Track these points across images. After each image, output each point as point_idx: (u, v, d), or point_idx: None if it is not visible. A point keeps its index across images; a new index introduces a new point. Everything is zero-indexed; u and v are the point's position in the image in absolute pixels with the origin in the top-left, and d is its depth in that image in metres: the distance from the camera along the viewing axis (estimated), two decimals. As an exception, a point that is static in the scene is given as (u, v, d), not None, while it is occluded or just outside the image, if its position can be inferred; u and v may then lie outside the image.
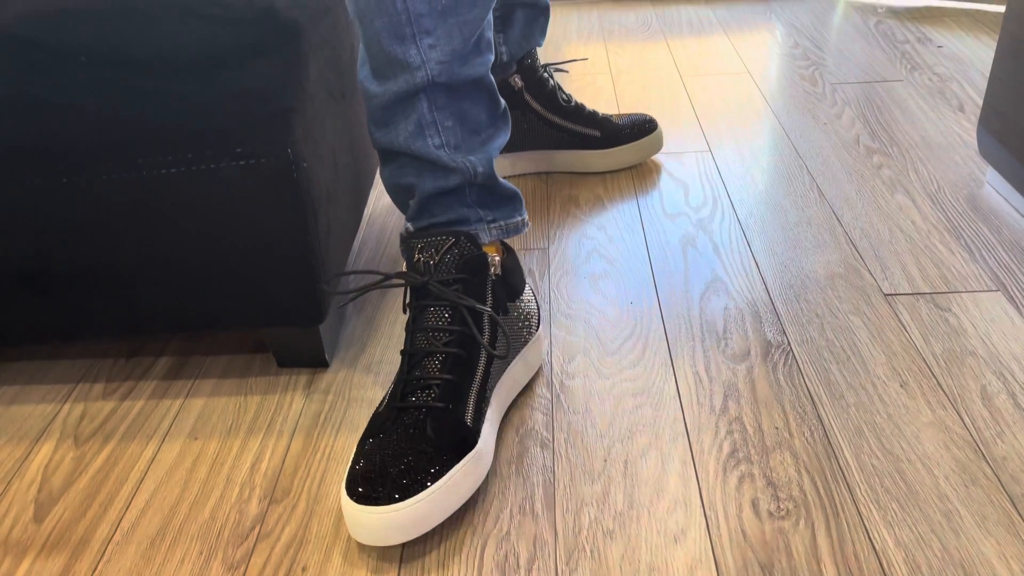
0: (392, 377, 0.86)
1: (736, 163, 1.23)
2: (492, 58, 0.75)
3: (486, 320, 0.75)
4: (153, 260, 0.75)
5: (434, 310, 0.74)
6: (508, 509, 0.70)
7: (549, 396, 0.82)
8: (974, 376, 0.81)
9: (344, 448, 0.77)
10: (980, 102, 1.36)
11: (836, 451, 0.74)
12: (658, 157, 1.26)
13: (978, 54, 1.55)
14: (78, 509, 0.73)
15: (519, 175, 1.24)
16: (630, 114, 1.25)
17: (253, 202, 0.72)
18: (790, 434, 0.76)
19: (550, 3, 1.18)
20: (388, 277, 0.75)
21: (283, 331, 0.84)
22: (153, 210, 0.72)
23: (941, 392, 0.80)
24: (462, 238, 0.75)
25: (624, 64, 1.61)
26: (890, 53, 1.58)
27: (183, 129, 0.68)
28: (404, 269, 0.82)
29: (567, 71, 1.25)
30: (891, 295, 0.94)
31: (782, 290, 0.96)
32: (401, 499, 0.64)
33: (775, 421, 0.78)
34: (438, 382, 0.70)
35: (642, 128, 1.22)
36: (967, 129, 1.28)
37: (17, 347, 0.92)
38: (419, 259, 0.74)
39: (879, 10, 1.80)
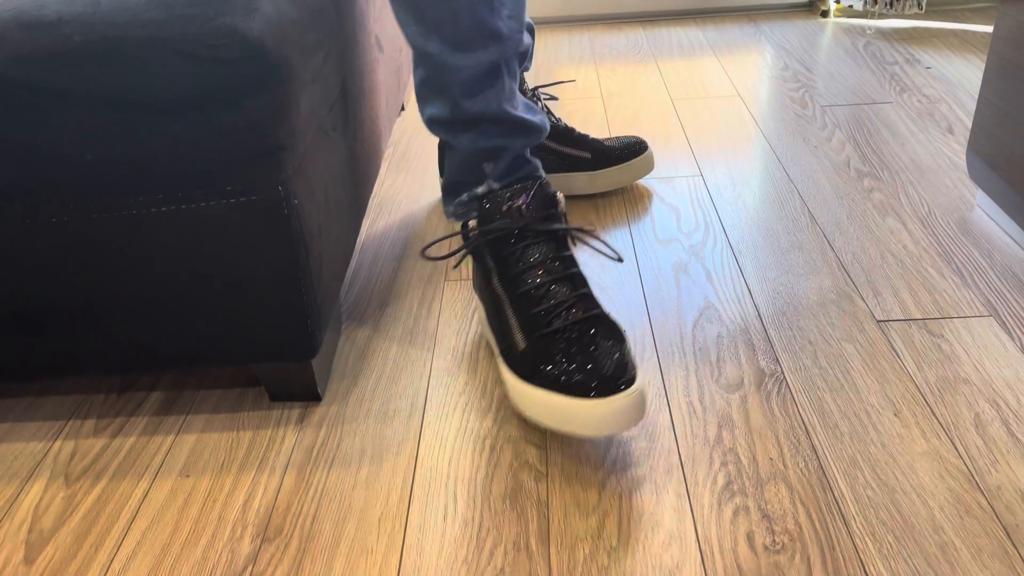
0: (382, 409, 0.85)
1: (727, 188, 1.23)
2: None
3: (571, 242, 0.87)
4: (144, 298, 0.75)
5: (535, 246, 0.83)
6: (503, 545, 0.70)
7: (543, 429, 0.82)
8: (968, 404, 0.81)
9: (337, 483, 0.77)
10: (969, 124, 1.37)
11: (831, 482, 0.74)
12: (650, 182, 1.27)
13: (967, 75, 1.56)
14: (69, 550, 0.72)
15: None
16: (620, 136, 1.25)
17: (244, 239, 0.72)
18: (784, 465, 0.76)
19: (535, 27, 1.18)
20: (485, 233, 0.84)
21: (275, 366, 0.83)
22: (144, 248, 0.72)
23: (935, 420, 0.80)
24: (540, 183, 0.86)
25: (615, 87, 1.62)
26: (879, 74, 1.59)
27: (173, 168, 0.68)
28: (469, 233, 0.90)
29: (557, 98, 1.26)
30: (884, 321, 0.94)
31: (775, 316, 0.96)
32: (633, 383, 0.75)
33: (769, 452, 0.77)
34: (578, 296, 0.80)
35: (632, 149, 1.23)
36: (957, 152, 1.29)
37: (7, 384, 0.91)
38: (510, 207, 0.83)
39: (867, 31, 1.81)
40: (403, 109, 1.57)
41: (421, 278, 1.07)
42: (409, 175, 1.34)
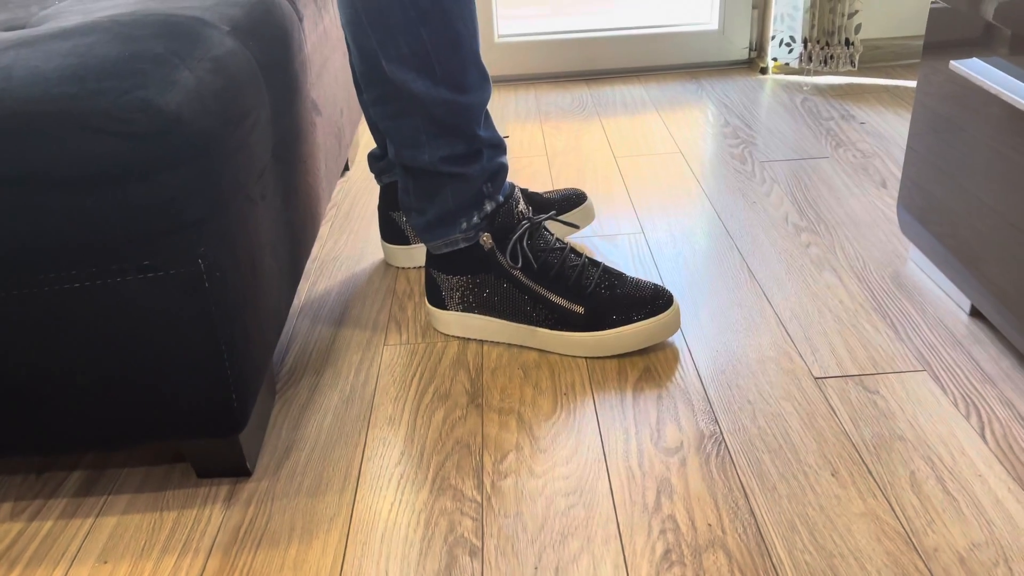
0: (315, 482, 0.83)
1: (668, 245, 1.24)
2: None
3: None
4: (60, 377, 0.72)
5: (543, 236, 1.01)
6: (434, 627, 0.67)
7: (480, 499, 0.80)
8: (903, 462, 0.81)
9: (264, 564, 0.74)
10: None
11: (769, 548, 0.73)
12: (591, 240, 1.27)
13: (899, 130, 1.60)
14: (-27, 648, 0.68)
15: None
16: (560, 188, 1.26)
17: (163, 315, 0.70)
18: (723, 531, 0.75)
19: None
20: (535, 220, 1.01)
21: (201, 442, 0.81)
22: (57, 326, 0.69)
23: (871, 480, 0.80)
24: (516, 187, 1.04)
25: (560, 145, 1.64)
26: (816, 130, 1.63)
27: (87, 244, 0.66)
28: (488, 237, 1.01)
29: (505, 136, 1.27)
30: (821, 378, 0.94)
31: (714, 376, 0.95)
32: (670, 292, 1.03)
33: (708, 517, 0.76)
34: (586, 258, 1.01)
35: (571, 201, 1.25)
36: (889, 205, 1.32)
37: (-81, 465, 0.87)
38: (520, 213, 1.00)
39: (804, 87, 1.86)
40: (347, 169, 1.57)
41: (359, 343, 1.06)
42: (352, 235, 1.33)
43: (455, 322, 1.04)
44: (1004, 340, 0.98)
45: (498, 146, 1.00)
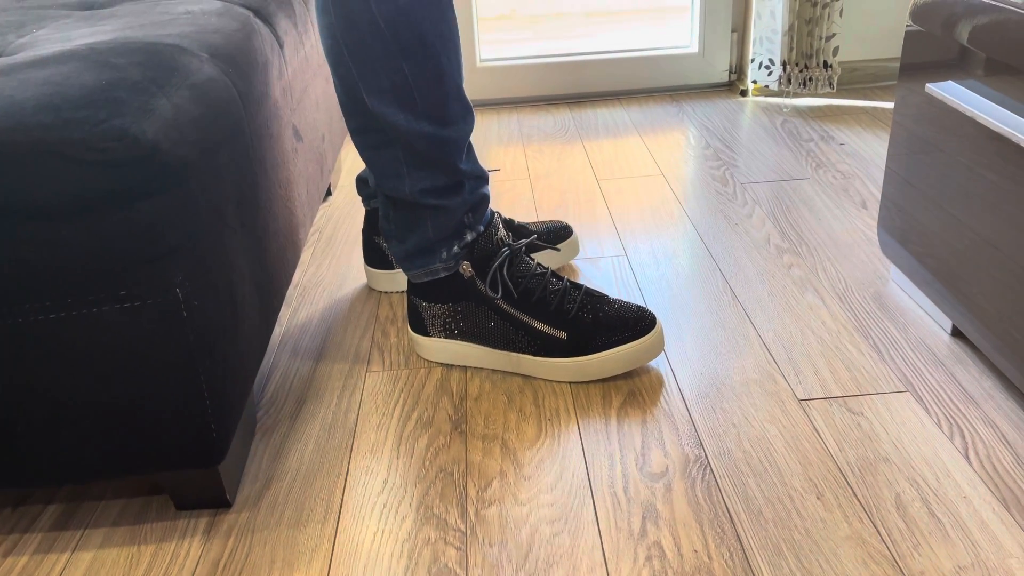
0: (296, 513, 0.82)
1: (651, 267, 1.24)
2: None
3: None
4: (36, 408, 0.71)
5: (523, 262, 1.00)
6: (417, 661, 0.66)
7: (464, 527, 0.79)
8: (888, 484, 0.81)
9: (244, 600, 0.72)
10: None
11: (756, 573, 0.72)
12: (576, 262, 1.27)
13: (878, 151, 1.62)
14: None
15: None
16: (546, 221, 1.26)
17: (140, 345, 0.69)
18: (709, 557, 0.74)
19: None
20: (515, 247, 1.00)
21: (180, 472, 0.79)
22: (32, 357, 0.68)
23: (857, 503, 0.79)
24: (496, 214, 1.03)
25: (542, 169, 1.64)
26: (796, 152, 1.64)
27: (63, 274, 0.65)
28: (470, 266, 1.01)
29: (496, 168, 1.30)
30: (805, 400, 0.94)
31: (698, 399, 0.95)
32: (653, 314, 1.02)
33: (694, 543, 0.76)
34: (565, 286, 1.00)
35: (557, 235, 1.24)
36: (870, 226, 1.32)
37: None
38: (500, 239, 0.99)
39: (784, 109, 1.88)
40: (329, 194, 1.56)
41: (341, 370, 1.05)
42: (334, 260, 1.32)
43: (438, 349, 1.04)
44: (985, 360, 0.98)
45: (480, 177, 0.99)
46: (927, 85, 0.95)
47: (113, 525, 0.82)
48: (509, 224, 1.22)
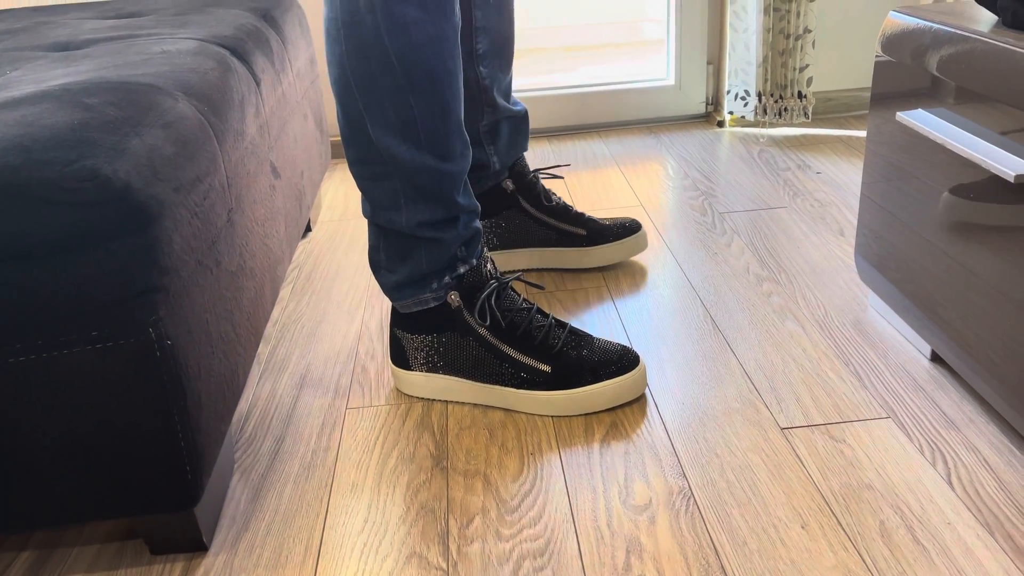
0: (274, 555, 0.80)
1: (632, 298, 1.24)
2: None
3: None
4: (7, 452, 0.69)
5: (510, 296, 1.01)
6: None
7: (446, 565, 0.78)
8: (872, 511, 0.81)
9: (220, 646, 0.71)
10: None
11: (741, 606, 0.71)
12: (557, 293, 1.27)
13: (854, 179, 1.64)
14: None
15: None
16: (615, 217, 1.36)
17: (113, 386, 0.68)
18: (694, 590, 0.73)
19: (528, 113, 1.31)
20: (503, 281, 1.01)
21: (155, 517, 0.78)
22: (3, 400, 0.67)
23: (841, 531, 0.79)
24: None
25: (522, 201, 1.64)
26: (773, 180, 1.66)
27: (33, 316, 0.64)
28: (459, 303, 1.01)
29: (561, 176, 1.34)
30: (787, 428, 0.94)
31: (681, 429, 0.95)
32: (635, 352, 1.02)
33: (679, 577, 0.75)
34: (551, 323, 1.00)
35: (626, 229, 1.32)
36: (848, 253, 1.33)
37: None
38: (489, 272, 1.00)
39: (760, 139, 1.90)
40: (309, 230, 1.56)
41: (321, 407, 1.04)
42: (313, 297, 1.31)
43: (420, 383, 1.03)
44: (965, 385, 0.98)
45: (474, 211, 1.00)
46: (898, 113, 0.96)
47: (87, 571, 0.80)
48: (579, 217, 1.31)
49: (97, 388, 0.68)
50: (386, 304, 1.27)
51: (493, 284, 0.99)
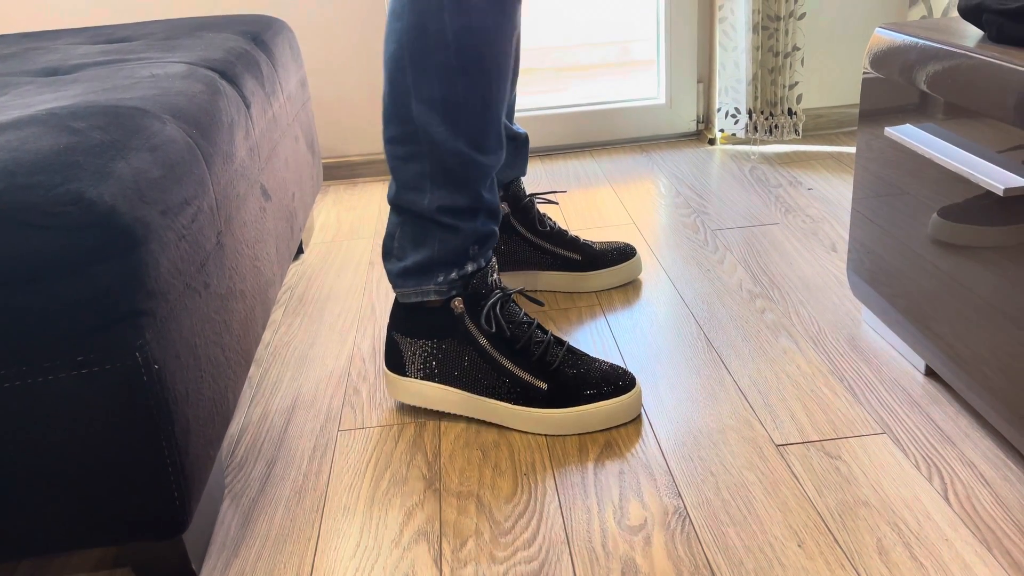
0: (268, 583, 0.79)
1: (626, 317, 1.24)
2: None
3: None
4: (-12, 481, 0.68)
5: (512, 308, 1.01)
6: None
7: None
8: (869, 528, 0.80)
9: (209, 676, 0.69)
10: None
11: (739, 627, 0.70)
12: (551, 311, 1.26)
13: (845, 195, 1.64)
14: None
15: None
16: (609, 241, 1.35)
17: (98, 412, 0.67)
18: (691, 612, 0.72)
19: (528, 137, 1.30)
20: (508, 291, 1.02)
21: (142, 545, 0.77)
22: (-14, 428, 0.66)
23: (839, 549, 0.78)
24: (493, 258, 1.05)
25: (515, 221, 1.64)
26: (765, 197, 1.66)
27: (17, 341, 0.64)
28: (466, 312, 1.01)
29: (556, 202, 1.31)
30: (782, 445, 0.93)
31: (675, 447, 0.94)
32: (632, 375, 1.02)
33: (675, 598, 0.74)
34: (550, 340, 1.01)
35: (622, 254, 1.32)
36: (840, 268, 1.33)
37: None
38: (493, 281, 1.00)
39: (751, 156, 1.91)
40: (301, 252, 1.56)
41: (312, 430, 1.03)
42: (305, 319, 1.31)
43: (413, 391, 1.02)
44: (960, 399, 0.98)
45: (494, 213, 1.01)
46: (886, 129, 0.97)
47: (73, 601, 0.79)
48: (573, 242, 1.31)
49: (83, 413, 0.67)
50: (378, 326, 1.27)
51: (498, 294, 1.00)
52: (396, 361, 1.03)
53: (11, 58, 1.17)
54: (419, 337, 1.01)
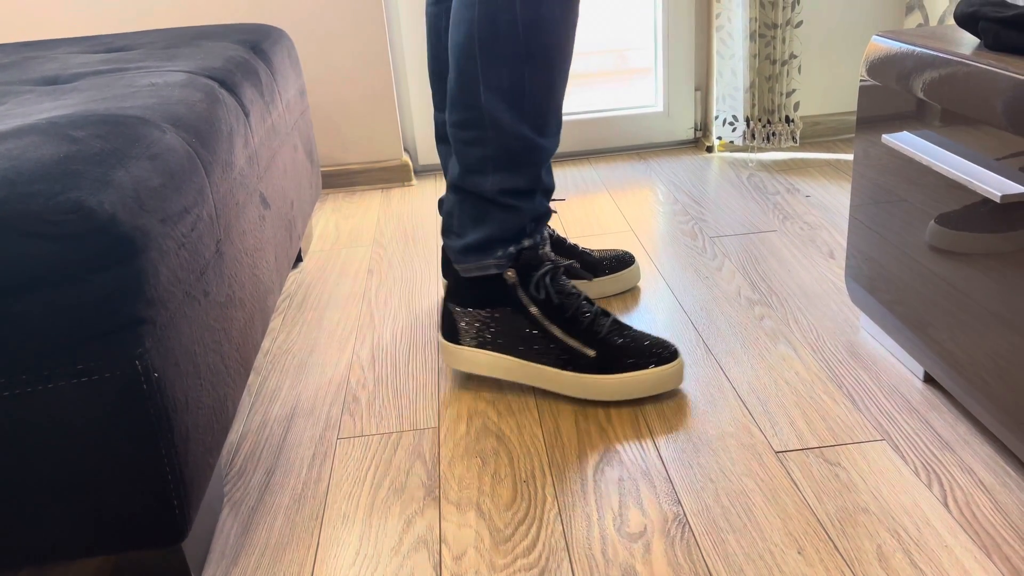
0: (267, 591, 0.79)
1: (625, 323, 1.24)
2: None
3: None
4: (-13, 490, 0.68)
5: (562, 280, 1.05)
6: None
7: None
8: (869, 535, 0.80)
9: None
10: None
11: (739, 635, 0.70)
12: (548, 322, 1.26)
13: (843, 201, 1.64)
14: None
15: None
16: (607, 249, 1.36)
17: (98, 420, 0.67)
18: (691, 619, 0.72)
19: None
20: (558, 264, 1.06)
21: (141, 554, 0.76)
22: (-15, 437, 0.66)
23: (838, 556, 0.78)
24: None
25: (513, 228, 1.65)
26: (763, 204, 1.66)
27: (16, 349, 0.64)
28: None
29: (555, 211, 1.32)
30: (782, 452, 0.93)
31: (675, 455, 0.94)
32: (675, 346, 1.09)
33: (675, 605, 0.74)
34: (597, 311, 1.06)
35: (620, 262, 1.33)
36: (838, 275, 1.34)
37: None
38: (544, 254, 1.05)
39: (749, 164, 1.91)
40: (300, 260, 1.56)
41: (312, 438, 1.03)
42: (304, 327, 1.31)
43: (466, 358, 1.08)
44: (959, 406, 0.98)
45: (549, 193, 1.09)
46: (884, 136, 0.97)
47: (72, 610, 0.78)
48: (574, 250, 1.32)
49: (82, 422, 0.67)
50: (377, 333, 1.27)
51: (549, 265, 1.04)
52: (451, 331, 1.08)
53: (11, 67, 1.17)
54: (474, 306, 1.05)
